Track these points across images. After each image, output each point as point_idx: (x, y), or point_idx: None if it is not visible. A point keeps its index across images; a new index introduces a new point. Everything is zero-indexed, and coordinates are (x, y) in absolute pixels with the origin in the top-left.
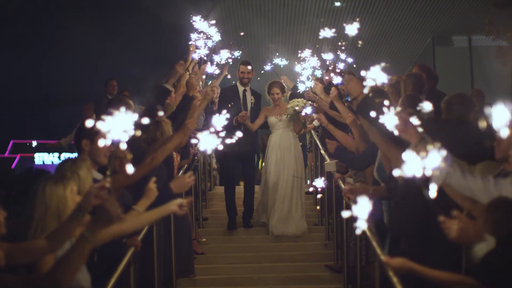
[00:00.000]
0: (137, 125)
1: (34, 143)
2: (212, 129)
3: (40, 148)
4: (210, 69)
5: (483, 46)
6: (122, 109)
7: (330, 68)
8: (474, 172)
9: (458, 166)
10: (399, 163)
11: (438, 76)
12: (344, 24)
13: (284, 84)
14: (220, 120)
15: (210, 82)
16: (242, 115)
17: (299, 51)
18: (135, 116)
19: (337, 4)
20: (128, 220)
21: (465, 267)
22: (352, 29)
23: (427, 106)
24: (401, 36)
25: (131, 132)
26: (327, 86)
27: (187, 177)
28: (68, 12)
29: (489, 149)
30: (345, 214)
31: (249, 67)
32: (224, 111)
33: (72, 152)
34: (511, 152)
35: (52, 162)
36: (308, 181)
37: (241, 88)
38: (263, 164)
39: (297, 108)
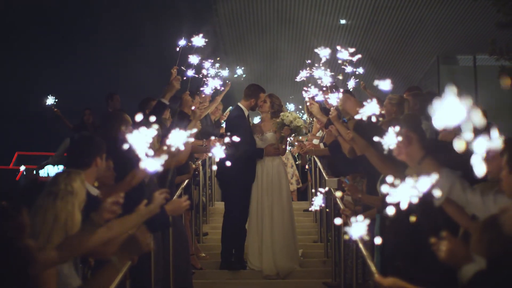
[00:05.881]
0: None
1: (22, 168)
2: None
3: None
4: (207, 90)
5: (488, 65)
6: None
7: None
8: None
9: (459, 181)
10: None
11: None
12: (338, 47)
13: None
14: (220, 150)
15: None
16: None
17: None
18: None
19: (342, 22)
20: (115, 224)
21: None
22: (344, 55)
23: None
24: (406, 54)
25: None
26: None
27: (182, 201)
28: (78, 30)
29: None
30: (337, 221)
31: None
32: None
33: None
34: (501, 174)
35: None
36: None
37: (246, 114)
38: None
39: (285, 119)
